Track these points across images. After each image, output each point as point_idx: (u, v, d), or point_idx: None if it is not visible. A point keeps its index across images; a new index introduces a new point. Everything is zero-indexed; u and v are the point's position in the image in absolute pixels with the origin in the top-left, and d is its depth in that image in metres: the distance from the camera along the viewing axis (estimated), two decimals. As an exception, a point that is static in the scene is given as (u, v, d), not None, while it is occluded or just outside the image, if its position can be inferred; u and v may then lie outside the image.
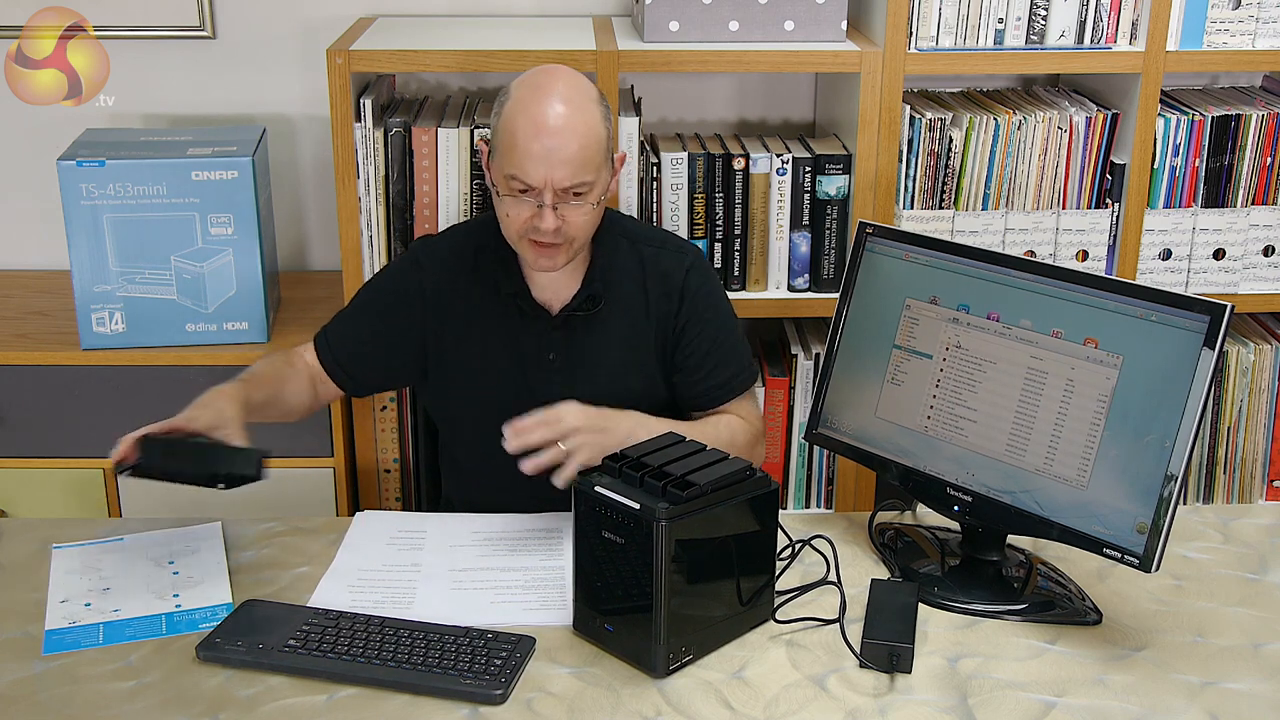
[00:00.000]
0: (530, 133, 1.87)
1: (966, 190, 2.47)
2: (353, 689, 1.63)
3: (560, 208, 1.90)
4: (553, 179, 1.88)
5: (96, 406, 2.48)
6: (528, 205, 1.91)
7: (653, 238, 2.13)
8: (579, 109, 1.89)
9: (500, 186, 1.94)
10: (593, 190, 1.92)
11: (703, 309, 2.09)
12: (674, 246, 2.13)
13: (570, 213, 1.92)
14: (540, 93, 1.89)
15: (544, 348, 2.07)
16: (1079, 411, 1.75)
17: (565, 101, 1.88)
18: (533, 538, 1.97)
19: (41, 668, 1.67)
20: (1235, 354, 2.57)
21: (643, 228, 2.20)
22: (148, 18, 2.76)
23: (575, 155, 1.88)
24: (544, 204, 1.89)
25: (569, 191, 1.90)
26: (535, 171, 1.88)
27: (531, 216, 1.92)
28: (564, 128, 1.87)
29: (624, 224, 2.14)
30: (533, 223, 1.92)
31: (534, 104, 1.88)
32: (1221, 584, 1.88)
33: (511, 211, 1.93)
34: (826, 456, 2.66)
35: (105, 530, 2.00)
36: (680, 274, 2.08)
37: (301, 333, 2.56)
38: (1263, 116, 2.47)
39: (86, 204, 2.39)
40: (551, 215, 1.90)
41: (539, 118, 1.87)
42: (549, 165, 1.87)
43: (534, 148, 1.87)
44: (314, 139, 2.85)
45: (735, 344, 2.13)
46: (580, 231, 1.95)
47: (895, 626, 1.71)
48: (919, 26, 2.40)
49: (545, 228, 1.91)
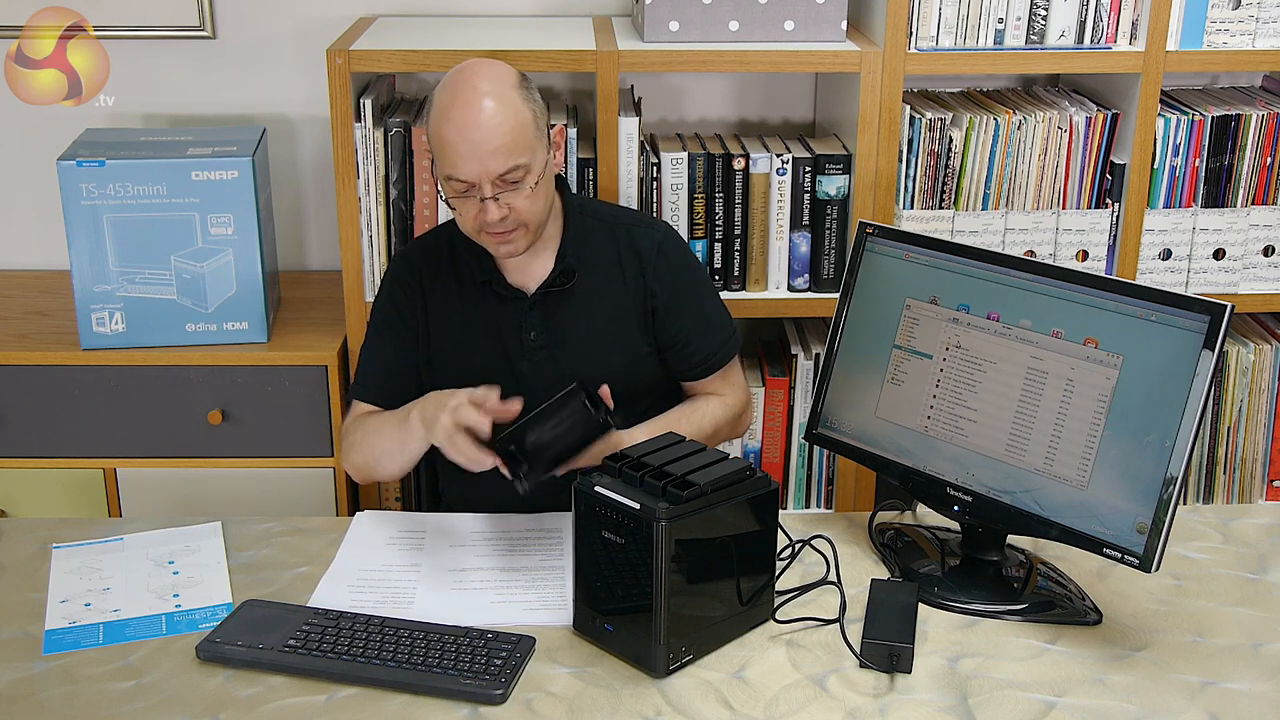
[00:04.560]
0: (456, 132, 1.91)
1: (966, 190, 2.47)
2: (353, 689, 1.63)
3: (501, 197, 1.94)
4: (486, 171, 1.92)
5: (96, 406, 2.48)
6: (472, 201, 1.96)
7: (622, 216, 2.19)
8: (497, 97, 1.92)
9: (445, 190, 1.99)
10: (530, 172, 1.96)
11: (682, 284, 2.13)
12: (645, 223, 2.19)
13: (513, 199, 1.95)
14: (457, 92, 1.93)
15: (524, 328, 2.09)
16: (1079, 411, 1.75)
17: (483, 94, 1.92)
18: (533, 538, 1.97)
19: (41, 668, 1.68)
20: (1235, 354, 2.57)
21: (612, 208, 2.25)
22: (148, 18, 2.76)
23: (503, 143, 1.91)
24: (485, 196, 1.94)
25: (504, 179, 1.94)
26: (468, 168, 1.92)
27: (479, 212, 1.96)
28: (485, 120, 1.91)
29: (594, 206, 2.20)
30: (481, 217, 1.96)
31: (454, 105, 1.92)
32: (1221, 584, 1.88)
33: (461, 210, 1.98)
34: (826, 456, 2.66)
35: (105, 530, 2.00)
36: (653, 249, 2.12)
37: (301, 333, 2.57)
38: (1263, 116, 2.47)
39: (86, 204, 2.39)
40: (494, 206, 1.94)
41: (460, 117, 1.91)
42: (479, 159, 1.91)
43: (461, 146, 1.91)
44: (314, 139, 2.85)
45: (717, 310, 2.19)
46: (529, 215, 1.98)
47: (895, 626, 1.71)
48: (919, 26, 2.40)
49: (491, 219, 1.95)
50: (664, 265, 2.12)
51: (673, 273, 2.12)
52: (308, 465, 2.53)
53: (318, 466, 2.54)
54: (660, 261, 2.11)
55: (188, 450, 2.51)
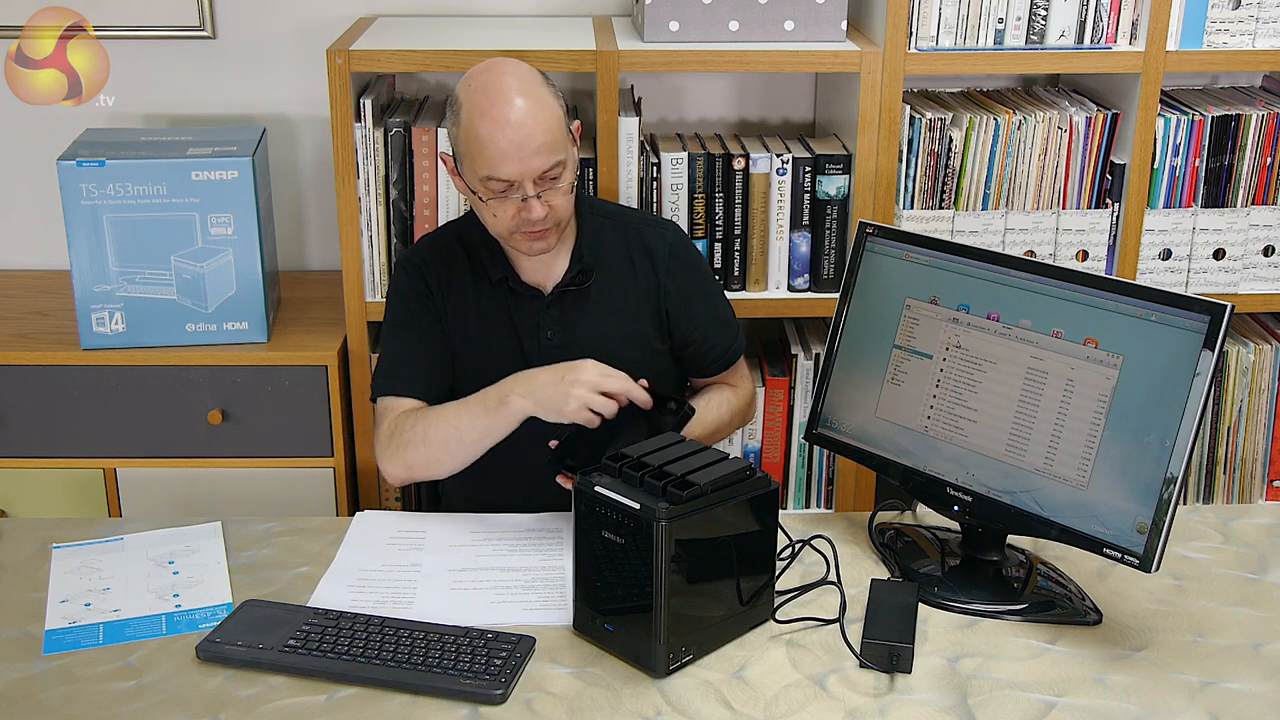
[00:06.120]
0: (495, 132, 1.90)
1: (966, 190, 2.47)
2: (353, 689, 1.63)
3: (543, 195, 1.95)
4: (529, 169, 1.92)
5: (96, 406, 2.48)
6: (512, 201, 1.95)
7: (632, 215, 2.20)
8: (533, 96, 1.92)
9: (480, 191, 1.97)
10: (567, 169, 1.97)
11: (695, 283, 2.15)
12: (654, 222, 2.21)
13: (553, 196, 1.96)
14: (492, 91, 1.92)
15: (541, 326, 2.09)
16: (1079, 411, 1.75)
17: (518, 93, 1.91)
18: (533, 538, 1.97)
19: (42, 668, 1.68)
20: (1235, 354, 2.57)
21: (619, 207, 2.27)
22: (148, 18, 2.76)
23: (544, 141, 1.91)
24: (528, 195, 1.93)
25: (546, 176, 1.94)
26: (510, 167, 1.91)
27: (519, 210, 1.95)
28: (526, 118, 1.90)
29: (602, 205, 2.21)
30: (521, 216, 1.95)
31: (489, 104, 1.91)
32: (1221, 584, 1.88)
33: (498, 211, 1.97)
34: (826, 456, 2.66)
35: (105, 530, 2.00)
36: (664, 249, 2.13)
37: (301, 333, 2.57)
38: (1263, 116, 2.47)
39: (86, 204, 2.39)
40: (538, 204, 1.94)
41: (499, 115, 1.90)
42: (521, 158, 1.91)
43: (503, 145, 1.90)
44: (314, 139, 2.85)
45: (727, 308, 2.22)
46: (565, 211, 2.00)
47: (895, 626, 1.71)
48: (919, 26, 2.40)
49: (535, 217, 1.95)
50: (677, 265, 2.13)
51: (686, 273, 2.14)
52: (308, 465, 2.53)
53: (318, 466, 2.54)
54: (673, 262, 2.12)
55: (188, 450, 2.51)
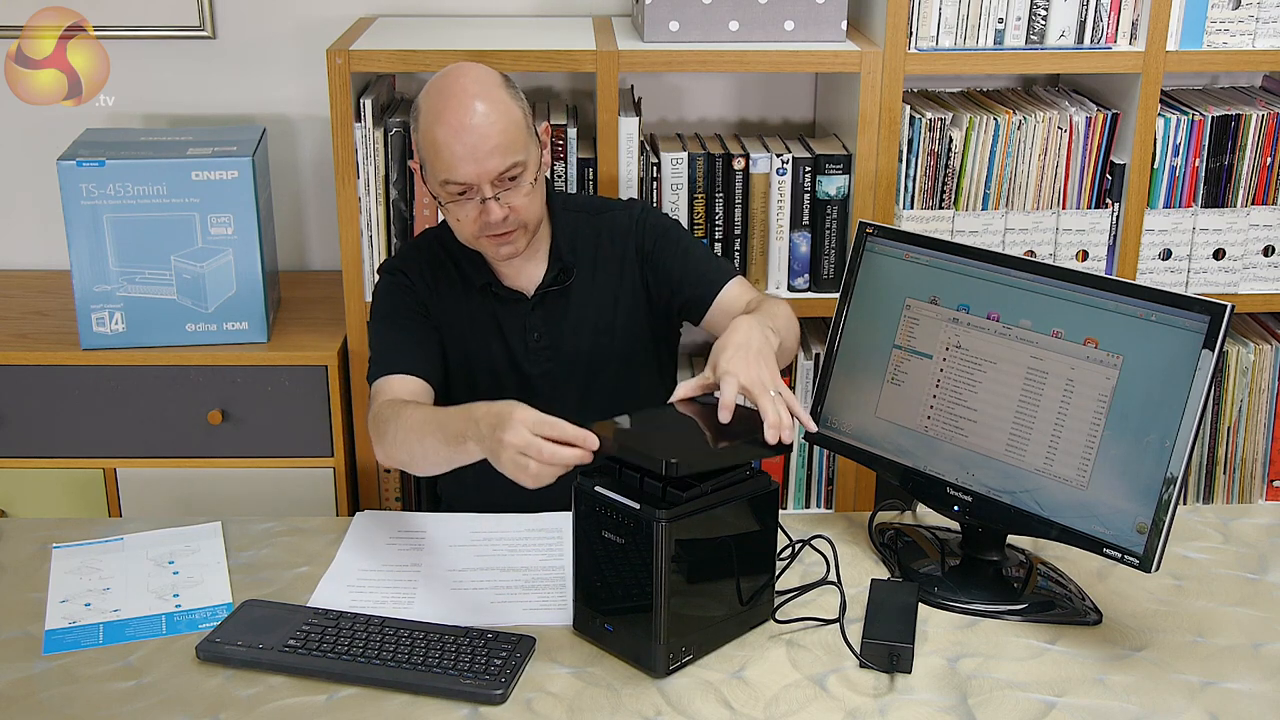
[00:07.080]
0: (450, 135, 1.91)
1: (966, 190, 2.47)
2: (353, 689, 1.63)
3: (501, 196, 1.95)
4: (485, 171, 1.92)
5: (96, 406, 2.48)
6: (471, 204, 1.95)
7: (602, 205, 2.20)
8: (488, 98, 1.92)
9: (441, 195, 1.98)
10: (526, 170, 1.96)
11: (666, 240, 2.15)
12: (621, 205, 2.21)
13: (512, 198, 1.96)
14: (447, 95, 1.93)
15: (527, 329, 2.11)
16: (1079, 411, 1.75)
17: (473, 96, 1.92)
18: (533, 538, 1.97)
19: (42, 668, 1.67)
20: (1235, 354, 2.57)
21: (587, 198, 2.27)
22: (148, 18, 2.76)
23: (499, 142, 1.91)
24: (485, 198, 1.94)
25: (504, 178, 1.94)
26: (466, 169, 1.92)
27: (479, 214, 1.96)
28: (480, 121, 1.91)
29: (574, 200, 2.21)
30: (482, 219, 1.96)
31: (445, 108, 1.92)
32: (1221, 584, 1.88)
33: (460, 215, 1.98)
34: (826, 456, 2.66)
35: (105, 530, 2.00)
36: (632, 224, 2.15)
37: (301, 333, 2.57)
38: (1263, 116, 2.47)
39: (86, 204, 2.39)
40: (496, 206, 1.94)
41: (453, 119, 1.91)
42: (477, 159, 1.91)
43: (458, 148, 1.91)
44: (314, 139, 2.85)
45: (705, 250, 2.21)
46: (529, 213, 1.99)
47: (895, 626, 1.71)
48: (919, 26, 2.40)
49: (494, 219, 1.95)
50: (645, 230, 2.15)
51: (654, 235, 2.15)
52: (308, 465, 2.53)
53: (318, 466, 2.54)
54: (642, 231, 2.15)
55: (188, 450, 2.51)
